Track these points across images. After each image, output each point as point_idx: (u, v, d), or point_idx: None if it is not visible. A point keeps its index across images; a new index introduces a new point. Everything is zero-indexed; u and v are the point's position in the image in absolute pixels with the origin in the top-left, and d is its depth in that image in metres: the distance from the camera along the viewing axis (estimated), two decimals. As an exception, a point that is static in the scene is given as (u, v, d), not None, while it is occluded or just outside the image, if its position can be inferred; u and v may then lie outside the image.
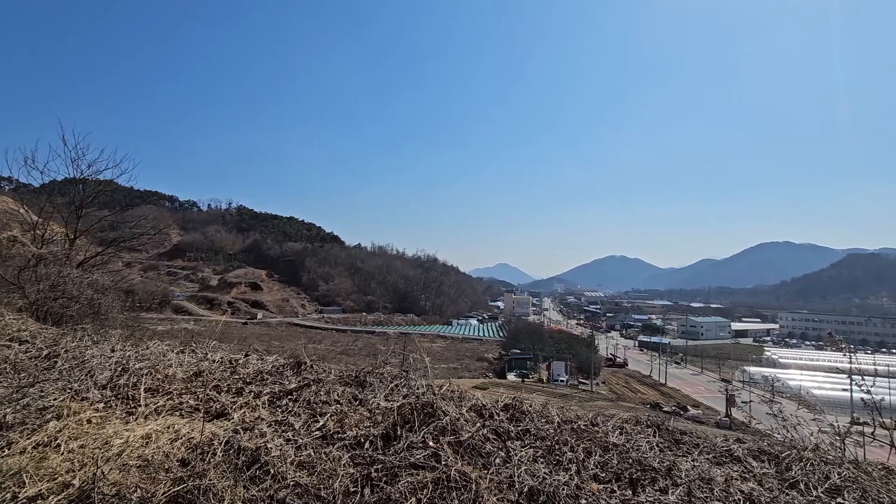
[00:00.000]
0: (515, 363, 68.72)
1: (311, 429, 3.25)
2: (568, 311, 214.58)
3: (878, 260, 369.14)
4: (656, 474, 2.77)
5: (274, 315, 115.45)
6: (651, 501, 2.29)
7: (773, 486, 2.77)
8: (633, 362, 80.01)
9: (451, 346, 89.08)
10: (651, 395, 55.87)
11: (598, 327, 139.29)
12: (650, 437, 3.53)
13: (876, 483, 2.93)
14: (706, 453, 3.33)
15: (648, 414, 4.09)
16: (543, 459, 2.91)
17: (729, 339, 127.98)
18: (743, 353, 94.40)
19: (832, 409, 40.64)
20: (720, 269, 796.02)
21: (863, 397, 5.97)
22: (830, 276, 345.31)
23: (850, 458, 3.42)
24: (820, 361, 79.88)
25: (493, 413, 3.69)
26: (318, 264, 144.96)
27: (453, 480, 2.27)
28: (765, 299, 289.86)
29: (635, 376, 68.49)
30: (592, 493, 2.25)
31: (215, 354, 5.40)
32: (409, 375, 4.73)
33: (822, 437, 4.09)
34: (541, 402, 4.02)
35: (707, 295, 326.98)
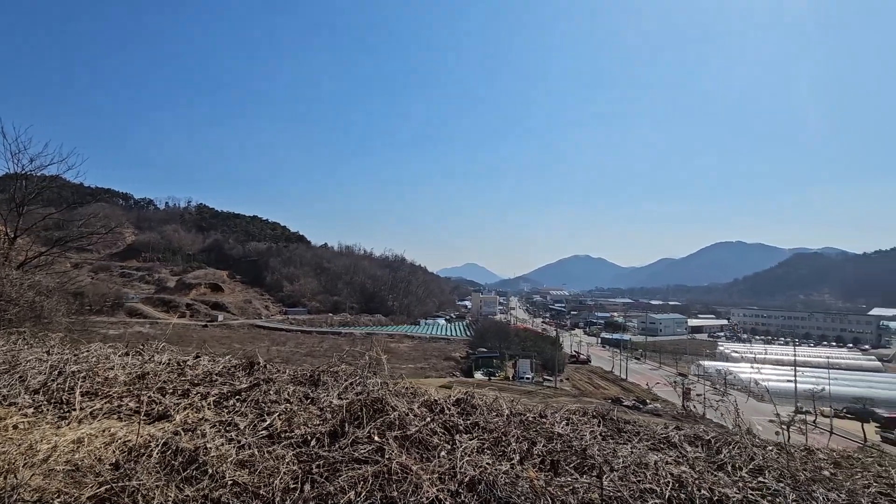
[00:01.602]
0: (482, 362, 69.27)
1: (257, 428, 3.20)
2: (534, 310, 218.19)
3: (821, 259, 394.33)
4: (595, 461, 2.88)
5: (236, 317, 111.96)
6: (587, 486, 2.38)
7: (702, 469, 2.93)
8: (596, 359, 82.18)
9: (419, 346, 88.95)
10: (613, 390, 57.51)
11: (562, 325, 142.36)
12: (594, 427, 3.67)
13: (795, 462, 3.15)
14: (645, 440, 3.48)
15: (595, 405, 4.24)
16: (489, 450, 2.98)
17: (685, 334, 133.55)
18: (698, 349, 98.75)
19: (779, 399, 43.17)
20: (678, 268, 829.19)
21: (808, 388, 6.40)
22: (778, 274, 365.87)
23: (776, 441, 3.66)
24: (768, 355, 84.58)
25: (444, 408, 3.73)
26: (282, 264, 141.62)
27: (394, 473, 2.29)
28: (719, 296, 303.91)
29: (598, 372, 70.39)
30: (530, 480, 2.32)
31: (162, 356, 5.22)
32: (364, 373, 4.72)
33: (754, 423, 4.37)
34: (491, 396, 4.10)
35: (666, 293, 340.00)
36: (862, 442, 32.18)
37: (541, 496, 2.19)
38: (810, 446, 3.68)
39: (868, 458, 3.35)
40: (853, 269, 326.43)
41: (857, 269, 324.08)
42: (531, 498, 2.16)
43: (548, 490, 2.29)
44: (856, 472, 3.07)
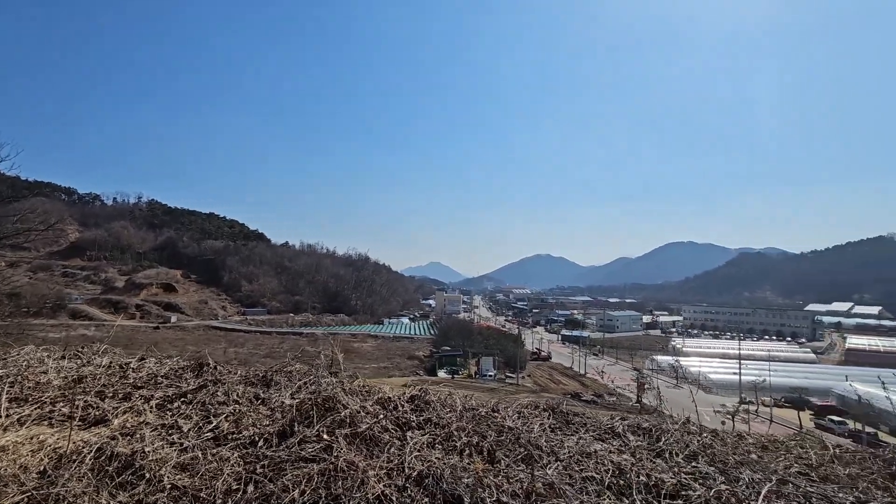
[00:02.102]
0: (446, 360, 69.60)
1: (202, 430, 3.11)
2: (497, 309, 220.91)
3: (764, 258, 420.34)
4: (542, 452, 2.97)
5: (190, 318, 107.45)
6: (530, 476, 2.45)
7: (642, 456, 3.08)
8: (557, 355, 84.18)
9: (382, 346, 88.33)
10: (572, 385, 59.12)
11: (524, 323, 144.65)
12: (544, 420, 3.78)
13: (727, 447, 3.36)
14: (592, 431, 3.62)
15: (546, 399, 4.36)
16: (441, 445, 3.02)
17: (641, 331, 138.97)
18: (652, 344, 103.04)
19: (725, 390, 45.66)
20: (634, 267, 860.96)
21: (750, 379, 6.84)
22: (725, 273, 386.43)
23: (711, 429, 3.89)
24: (715, 349, 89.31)
25: (397, 405, 3.75)
26: (241, 263, 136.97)
27: (340, 470, 2.29)
28: (672, 294, 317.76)
29: (558, 368, 72.13)
30: (476, 472, 2.37)
31: (102, 359, 4.95)
32: (319, 373, 4.67)
33: (703, 413, 4.62)
34: (445, 392, 4.14)
35: (623, 291, 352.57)
36: (797, 428, 34.55)
37: (486, 487, 2.25)
38: (741, 432, 3.94)
39: (791, 442, 3.61)
40: (792, 268, 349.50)
41: (796, 267, 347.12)
42: (475, 488, 2.21)
43: (494, 481, 2.35)
44: (780, 455, 3.31)
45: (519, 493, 2.23)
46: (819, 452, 3.31)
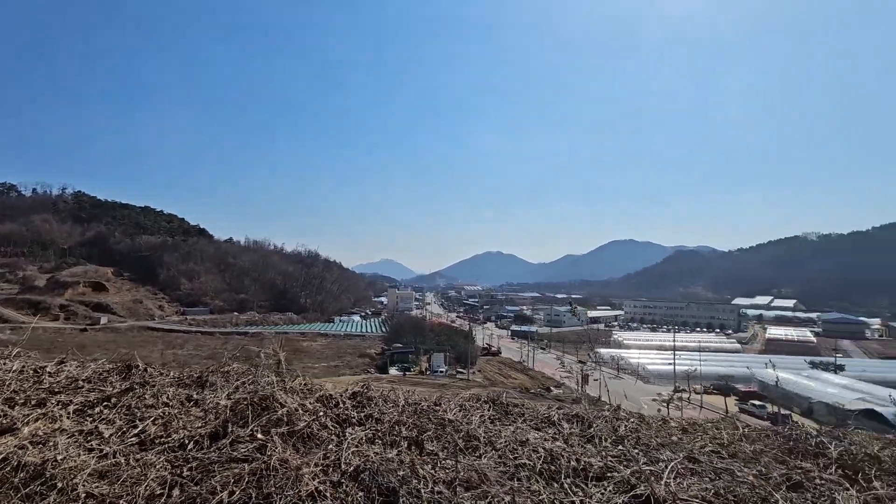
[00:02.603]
0: (397, 357, 69.36)
1: (126, 435, 2.94)
2: (449, 305, 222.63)
3: (697, 256, 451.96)
4: (480, 442, 3.06)
5: (123, 319, 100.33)
6: (466, 466, 2.52)
7: (574, 443, 3.25)
8: (506, 350, 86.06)
9: (333, 344, 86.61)
10: (521, 379, 60.72)
11: (475, 319, 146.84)
12: (485, 412, 3.88)
13: (652, 431, 3.61)
14: (529, 421, 3.76)
15: (487, 392, 4.48)
16: (380, 440, 3.03)
17: (585, 325, 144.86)
18: (596, 337, 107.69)
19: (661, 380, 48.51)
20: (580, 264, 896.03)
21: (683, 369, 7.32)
22: (663, 269, 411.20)
23: (638, 414, 4.16)
24: (653, 341, 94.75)
25: (338, 402, 3.72)
26: (180, 260, 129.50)
27: (273, 469, 2.25)
28: (614, 290, 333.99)
29: (507, 363, 73.79)
30: (412, 464, 2.41)
31: (13, 363, 4.54)
32: (258, 372, 4.53)
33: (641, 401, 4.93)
34: (388, 388, 4.15)
35: (569, 287, 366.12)
36: (724, 412, 37.36)
37: (420, 478, 2.29)
38: (665, 417, 4.23)
39: (708, 424, 3.93)
40: (721, 265, 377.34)
41: (725, 264, 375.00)
42: (409, 480, 2.24)
43: (428, 471, 2.40)
44: (698, 436, 3.59)
45: (450, 482, 2.28)
46: (730, 432, 3.62)
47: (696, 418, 4.36)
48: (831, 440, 3.34)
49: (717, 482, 2.55)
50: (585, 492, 2.42)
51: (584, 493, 2.39)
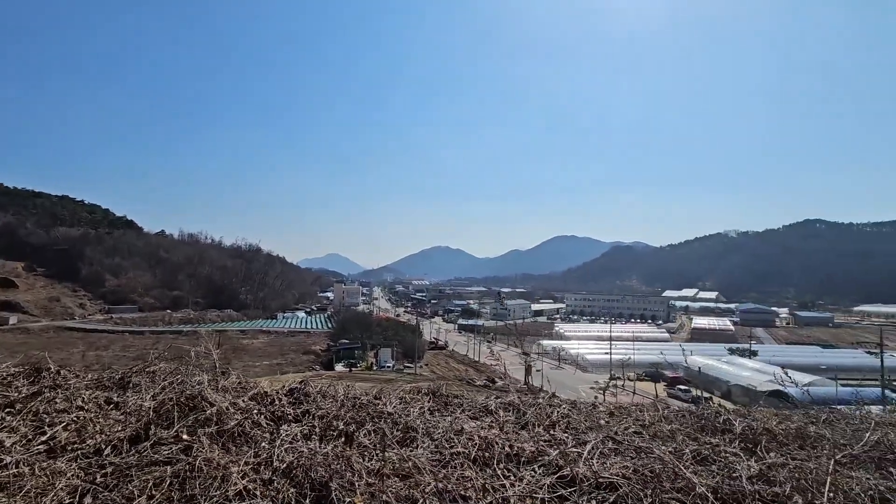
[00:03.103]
0: (344, 353, 68.16)
1: (32, 443, 2.70)
2: (396, 300, 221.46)
3: (632, 251, 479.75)
4: (418, 433, 3.10)
5: (37, 318, 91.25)
6: (401, 456, 2.55)
7: (509, 430, 3.37)
8: (454, 344, 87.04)
9: (276, 341, 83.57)
10: (468, 371, 61.71)
11: (423, 314, 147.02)
12: (425, 403, 3.93)
13: (581, 415, 3.81)
14: (468, 411, 3.85)
15: (428, 384, 4.53)
16: (317, 436, 3.00)
17: (530, 318, 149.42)
18: (540, 330, 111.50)
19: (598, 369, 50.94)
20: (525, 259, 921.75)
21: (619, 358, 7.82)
22: (601, 263, 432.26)
23: (570, 401, 4.38)
24: (592, 332, 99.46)
25: (274, 399, 3.62)
26: (104, 254, 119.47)
27: (198, 470, 2.16)
28: (557, 283, 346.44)
29: (454, 356, 74.69)
30: (346, 459, 2.40)
31: None
32: (187, 371, 4.30)
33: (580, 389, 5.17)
34: (327, 383, 4.10)
35: (514, 281, 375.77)
36: (653, 397, 40.01)
37: (355, 472, 2.29)
38: (595, 402, 4.49)
39: (633, 407, 4.21)
40: (654, 259, 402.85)
41: (657, 259, 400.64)
42: (343, 473, 2.24)
43: (365, 464, 2.40)
44: (623, 419, 3.84)
45: (383, 473, 2.31)
46: (652, 414, 3.91)
47: (623, 403, 4.65)
48: (736, 418, 3.69)
49: (637, 460, 2.75)
50: (516, 475, 2.52)
51: (514, 477, 2.50)
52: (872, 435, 3.24)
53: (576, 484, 2.39)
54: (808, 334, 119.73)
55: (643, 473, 2.53)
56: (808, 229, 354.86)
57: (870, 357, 58.10)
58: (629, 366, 55.32)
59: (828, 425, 3.58)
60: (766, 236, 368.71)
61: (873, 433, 3.28)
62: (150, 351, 15.07)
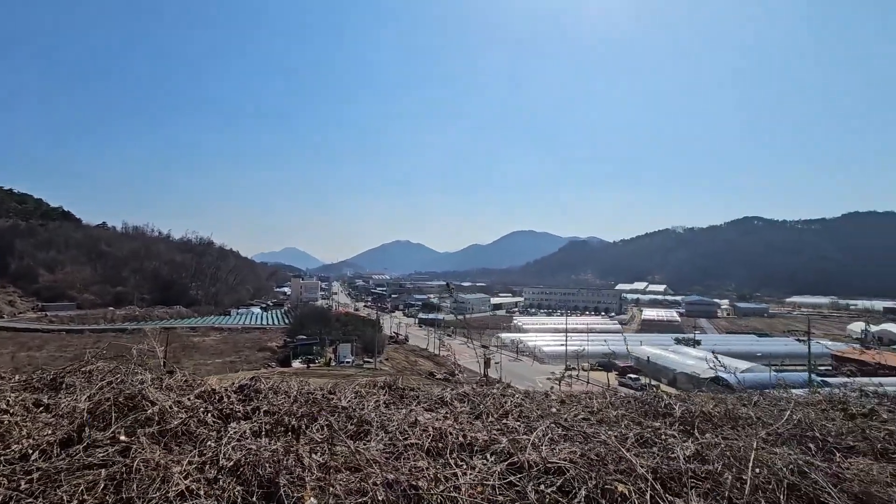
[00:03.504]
0: (301, 349, 66.67)
1: (-54, 451, 2.49)
2: (356, 294, 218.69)
3: (587, 246, 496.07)
4: (372, 426, 3.09)
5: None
6: (352, 450, 2.53)
7: (463, 420, 3.42)
8: (414, 338, 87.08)
9: (229, 338, 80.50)
10: (427, 365, 61.91)
11: (383, 308, 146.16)
12: (380, 397, 3.91)
13: (534, 404, 3.92)
14: (423, 403, 3.88)
15: (384, 378, 4.52)
16: (268, 432, 2.93)
17: (489, 311, 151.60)
18: (498, 323, 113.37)
19: (554, 360, 52.51)
20: (484, 253, 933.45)
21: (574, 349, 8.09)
22: (558, 258, 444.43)
23: (523, 390, 4.50)
24: (549, 325, 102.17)
25: (222, 396, 3.50)
26: (36, 248, 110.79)
27: (137, 471, 2.06)
28: (515, 277, 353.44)
29: (415, 350, 74.74)
30: (296, 454, 2.36)
31: None
32: (128, 370, 4.08)
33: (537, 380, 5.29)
34: (278, 379, 4.01)
35: (474, 275, 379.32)
36: (605, 386, 41.68)
37: (305, 468, 2.26)
38: (547, 391, 4.62)
39: (583, 395, 4.37)
40: (608, 254, 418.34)
41: (610, 253, 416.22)
42: (292, 469, 2.20)
43: (316, 459, 2.37)
44: (573, 407, 3.98)
45: (334, 467, 2.29)
46: (600, 401, 4.07)
47: (575, 392, 4.81)
48: (677, 402, 3.91)
49: (584, 445, 2.86)
50: (469, 464, 2.57)
51: (467, 465, 2.54)
52: (795, 414, 3.53)
53: (525, 470, 2.46)
54: (745, 324, 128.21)
55: (589, 457, 2.64)
56: (747, 226, 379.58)
57: (799, 344, 62.92)
58: (583, 356, 57.33)
59: (757, 407, 3.86)
60: (709, 232, 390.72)
61: (795, 413, 3.57)
62: (89, 350, 14.24)
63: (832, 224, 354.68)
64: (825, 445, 3.18)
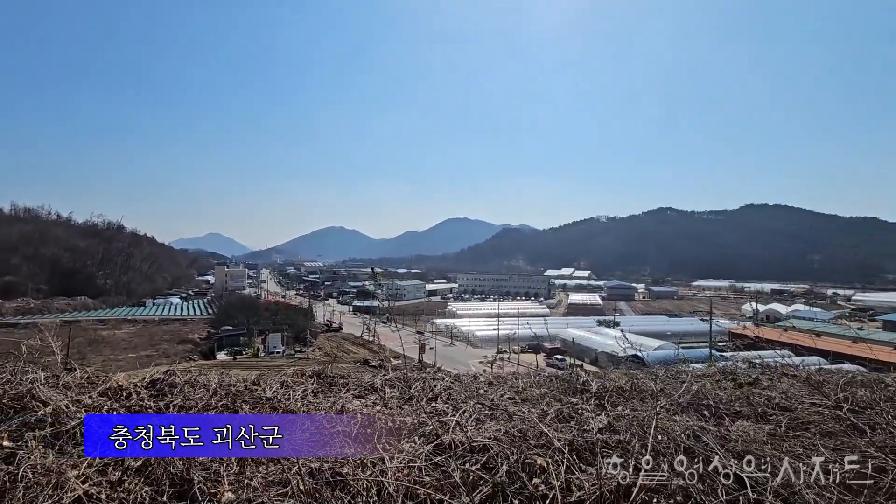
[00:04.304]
0: (227, 341, 63.25)
1: None
2: (287, 282, 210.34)
3: (519, 233, 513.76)
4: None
5: None
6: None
7: (393, 405, 3.44)
8: (349, 326, 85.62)
9: (144, 331, 74.29)
10: (362, 353, 61.21)
11: (316, 296, 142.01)
12: (308, 386, 3.82)
13: (463, 387, 4.03)
14: (353, 390, 3.84)
15: (313, 366, 4.42)
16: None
17: (424, 298, 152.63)
18: (434, 309, 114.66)
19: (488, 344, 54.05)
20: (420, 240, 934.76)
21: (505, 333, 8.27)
22: (491, 245, 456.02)
23: (454, 374, 4.61)
24: (482, 310, 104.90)
25: (131, 393, 3.24)
26: None
27: (22, 479, 1.86)
28: (450, 264, 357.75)
29: (349, 338, 73.54)
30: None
31: None
32: (15, 368, 3.64)
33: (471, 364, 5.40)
34: (197, 372, 3.79)
35: (409, 262, 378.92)
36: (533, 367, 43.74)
37: (223, 462, 2.16)
38: (477, 374, 4.77)
39: (509, 375, 4.56)
40: (538, 241, 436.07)
41: (540, 241, 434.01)
42: (210, 465, 2.10)
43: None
44: (500, 387, 4.14)
45: (258, 459, 2.22)
46: (525, 381, 4.27)
47: (503, 373, 5.00)
48: (594, 379, 4.20)
49: (507, 423, 2.99)
50: (396, 447, 2.59)
51: (395, 449, 2.57)
52: (693, 385, 3.93)
53: (451, 450, 2.53)
54: (658, 306, 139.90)
55: (512, 434, 2.77)
56: (662, 216, 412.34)
57: (702, 323, 69.87)
58: (514, 340, 59.62)
59: (661, 380, 4.25)
60: (629, 221, 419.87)
61: (693, 384, 3.97)
62: (-32, 348, 12.32)
63: (732, 215, 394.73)
64: (717, 412, 3.59)
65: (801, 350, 8.96)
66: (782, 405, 3.69)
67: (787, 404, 3.69)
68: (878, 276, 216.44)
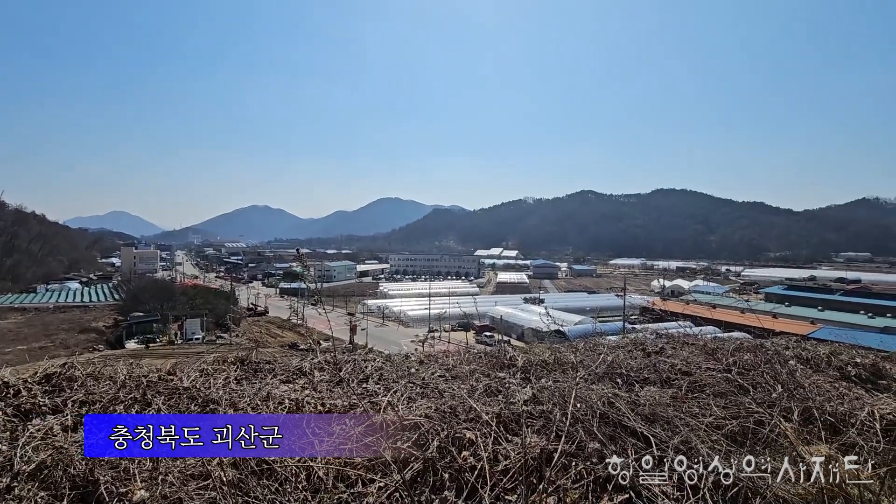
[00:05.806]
0: (138, 328, 58.03)
1: None
2: (206, 265, 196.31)
3: (450, 214, 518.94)
4: (220, 405, 2.87)
5: None
6: (196, 432, 2.33)
7: (323, 388, 3.39)
8: (275, 309, 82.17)
9: (36, 320, 66.07)
10: (290, 336, 59.24)
11: (239, 279, 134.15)
12: (231, 373, 3.64)
13: (394, 367, 4.05)
14: (280, 375, 3.72)
15: (235, 352, 4.21)
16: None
17: (355, 279, 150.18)
18: (365, 290, 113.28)
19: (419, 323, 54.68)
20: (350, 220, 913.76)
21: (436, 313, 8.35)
22: (423, 225, 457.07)
23: (385, 354, 4.63)
24: (414, 290, 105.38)
25: (20, 390, 2.90)
26: None
27: None
28: (381, 244, 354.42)
29: (276, 322, 70.69)
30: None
31: None
32: None
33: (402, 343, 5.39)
34: (102, 363, 3.46)
35: (339, 242, 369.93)
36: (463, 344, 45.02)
37: (134, 459, 2.01)
38: (409, 354, 4.82)
39: (440, 354, 4.66)
40: (468, 221, 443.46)
41: (471, 221, 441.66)
42: (119, 463, 1.95)
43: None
44: (431, 365, 4.21)
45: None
46: (455, 358, 4.39)
47: (431, 352, 5.09)
48: (520, 354, 4.41)
49: (438, 400, 3.07)
50: (326, 431, 2.56)
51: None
52: (608, 356, 4.26)
53: (382, 430, 2.55)
54: (579, 283, 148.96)
55: (442, 411, 2.84)
56: (583, 198, 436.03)
57: (618, 299, 75.47)
58: (445, 318, 60.71)
59: (581, 353, 4.56)
60: (554, 203, 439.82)
61: (608, 355, 4.30)
62: None
63: (644, 198, 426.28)
64: (628, 379, 3.93)
65: (700, 321, 10.11)
66: (683, 370, 4.12)
67: (688, 370, 4.13)
68: (762, 255, 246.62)
